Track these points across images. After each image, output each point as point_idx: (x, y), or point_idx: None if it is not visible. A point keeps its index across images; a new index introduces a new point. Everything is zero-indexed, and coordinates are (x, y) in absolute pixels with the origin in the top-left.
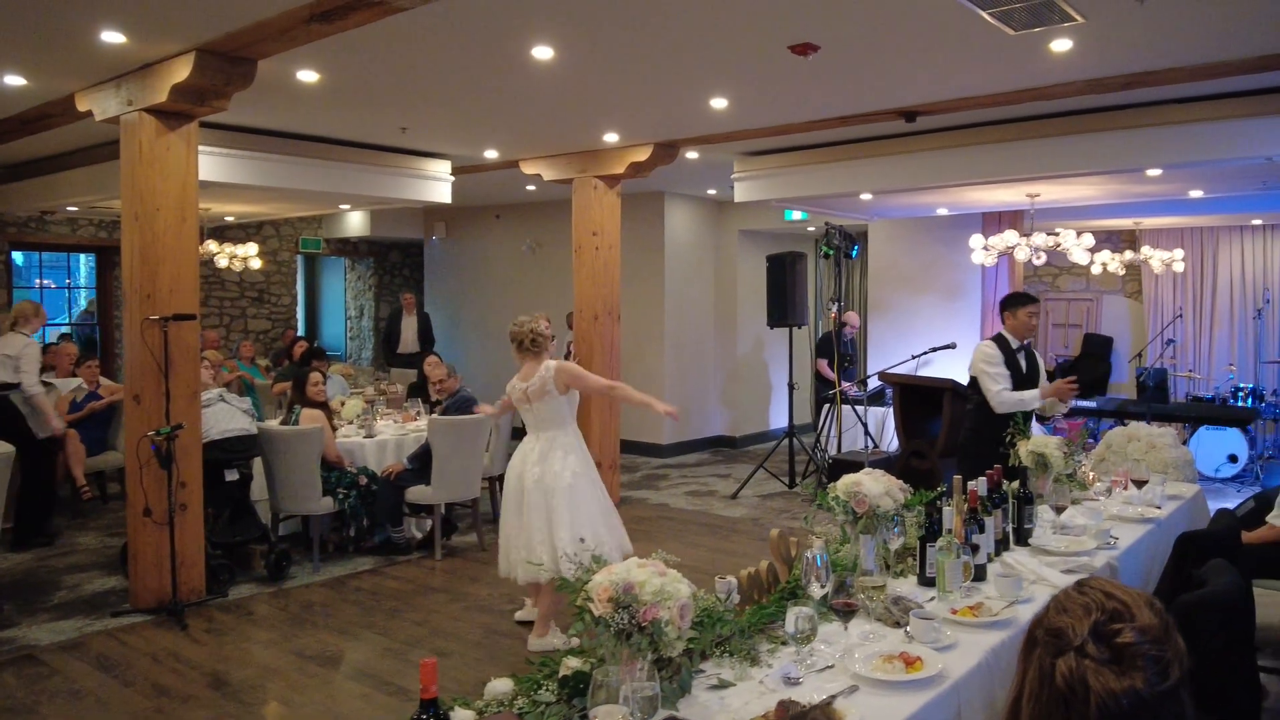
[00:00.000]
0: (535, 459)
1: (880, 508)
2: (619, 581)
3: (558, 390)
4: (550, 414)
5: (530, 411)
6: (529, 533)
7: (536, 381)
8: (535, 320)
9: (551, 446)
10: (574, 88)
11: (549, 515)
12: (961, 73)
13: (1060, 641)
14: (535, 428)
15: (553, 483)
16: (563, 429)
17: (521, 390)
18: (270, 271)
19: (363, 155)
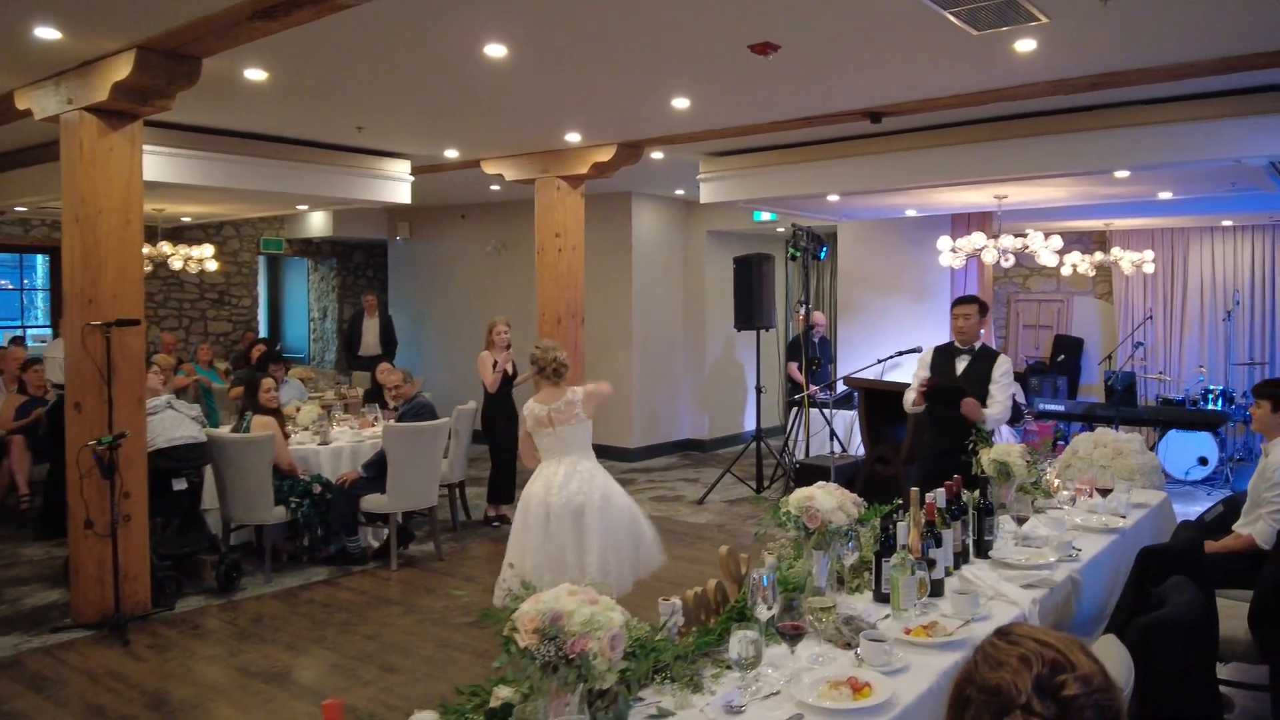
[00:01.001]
0: (561, 482)
1: (833, 523)
2: (546, 611)
3: (585, 414)
4: (576, 437)
5: (552, 435)
6: (556, 553)
7: (563, 406)
8: (560, 350)
9: (577, 468)
10: (531, 87)
11: (579, 538)
12: (926, 73)
13: (1000, 700)
14: (558, 452)
15: (584, 505)
16: (586, 453)
17: (544, 413)
18: (230, 273)
19: (319, 155)
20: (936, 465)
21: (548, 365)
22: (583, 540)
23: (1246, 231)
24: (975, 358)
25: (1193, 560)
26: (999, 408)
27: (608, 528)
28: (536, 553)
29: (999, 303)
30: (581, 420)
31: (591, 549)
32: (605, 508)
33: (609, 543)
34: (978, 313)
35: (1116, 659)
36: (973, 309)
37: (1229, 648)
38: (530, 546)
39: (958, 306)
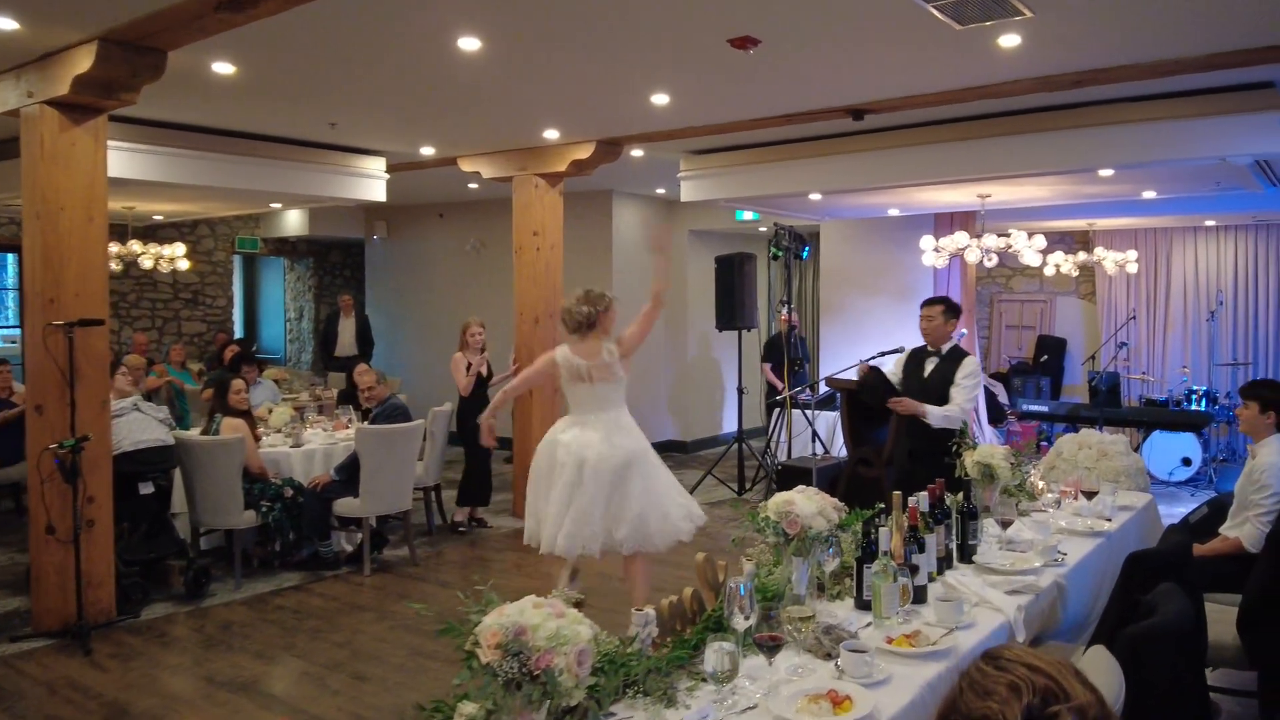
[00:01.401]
0: (598, 439)
1: (813, 529)
2: (509, 625)
3: (623, 370)
4: (612, 394)
5: (588, 391)
6: (583, 509)
7: (602, 361)
8: (585, 303)
9: (615, 426)
10: (507, 82)
11: (613, 495)
12: (909, 70)
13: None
14: (592, 408)
15: (626, 463)
16: (621, 409)
17: (584, 368)
18: (205, 272)
19: (291, 152)
20: (909, 467)
21: (570, 322)
22: (619, 499)
23: (1229, 231)
24: (943, 359)
25: (1181, 565)
26: (954, 409)
27: (650, 482)
28: (561, 505)
29: (982, 303)
30: (619, 376)
31: (631, 506)
32: (645, 462)
33: (652, 497)
34: (942, 314)
35: (1107, 671)
36: (935, 310)
37: (1216, 653)
38: (556, 496)
39: (923, 307)
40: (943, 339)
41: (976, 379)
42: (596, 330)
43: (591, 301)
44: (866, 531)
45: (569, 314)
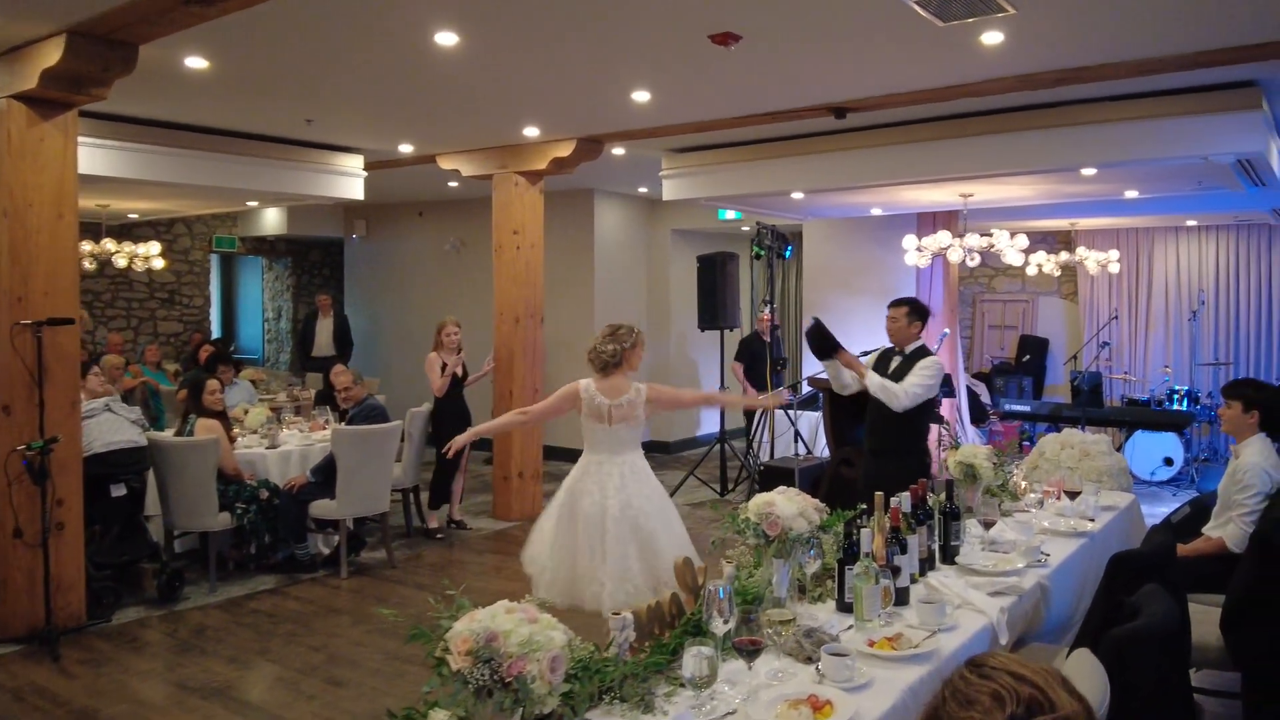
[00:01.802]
0: (618, 484)
1: (793, 530)
2: (480, 631)
3: (645, 414)
4: (631, 436)
5: (607, 432)
6: (620, 565)
7: (625, 404)
8: (611, 339)
9: (633, 471)
10: (485, 78)
11: (642, 545)
12: (891, 67)
13: None
14: (609, 449)
15: (645, 507)
16: (638, 452)
17: (606, 407)
18: (181, 271)
19: (267, 149)
20: (872, 466)
21: (597, 361)
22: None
23: (1211, 231)
24: (906, 359)
25: (1165, 566)
26: (898, 387)
27: (668, 526)
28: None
29: (964, 303)
30: (641, 420)
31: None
32: (667, 508)
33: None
34: (906, 315)
35: (1091, 675)
36: (900, 311)
37: (1200, 654)
38: (582, 547)
39: (889, 308)
40: (907, 340)
41: (932, 372)
42: (623, 367)
43: (618, 339)
44: (848, 533)
45: (595, 353)
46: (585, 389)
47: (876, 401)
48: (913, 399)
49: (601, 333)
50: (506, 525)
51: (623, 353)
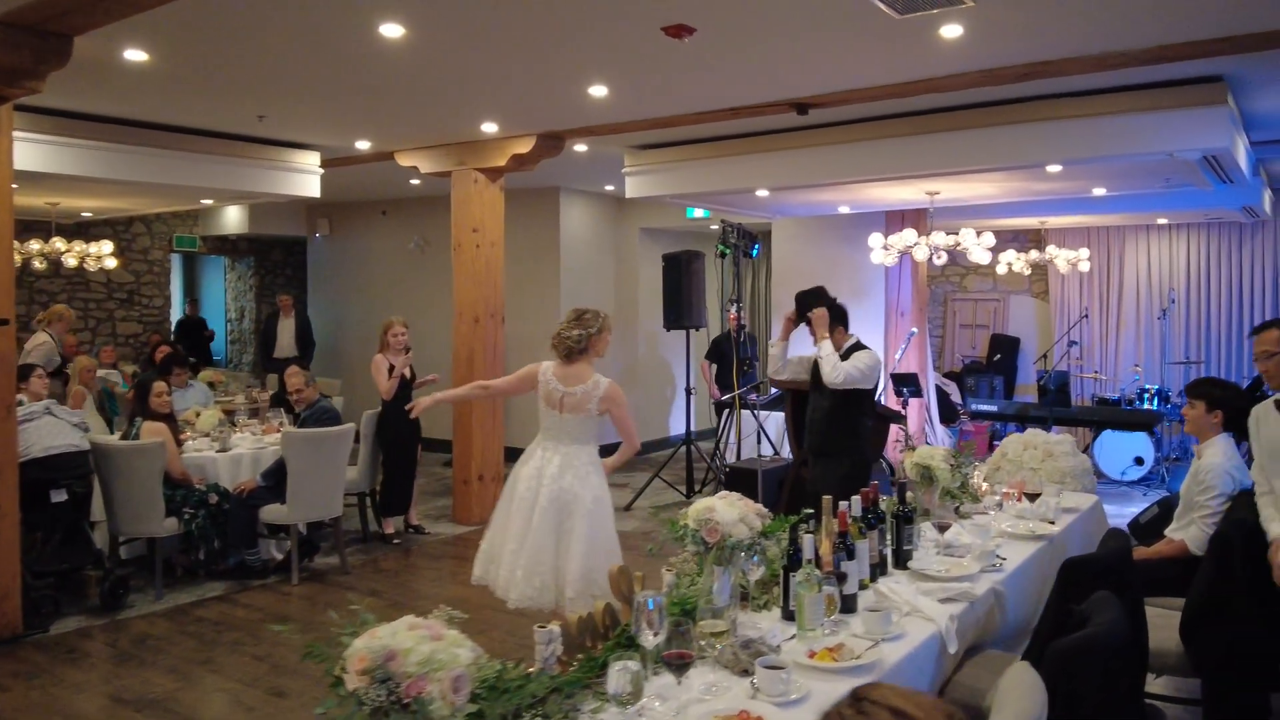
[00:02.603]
0: (554, 473)
1: (733, 537)
2: (378, 649)
3: (596, 411)
4: (581, 429)
5: (557, 419)
6: (534, 558)
7: (580, 394)
8: (579, 324)
9: (573, 462)
10: (436, 72)
11: (560, 538)
12: (851, 62)
13: None
14: (556, 438)
15: (572, 503)
16: (587, 445)
17: (559, 394)
18: (140, 271)
19: (220, 146)
20: (814, 468)
21: (561, 347)
22: (565, 543)
23: (1181, 230)
24: (842, 357)
25: (1119, 571)
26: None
27: (595, 533)
28: (516, 543)
29: (936, 302)
30: (592, 415)
31: (575, 554)
32: (596, 511)
33: (596, 548)
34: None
35: (1028, 691)
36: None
37: (1160, 660)
38: (513, 531)
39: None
40: (838, 346)
41: (867, 362)
42: (588, 354)
43: (584, 324)
44: (793, 538)
45: (560, 339)
46: (544, 371)
47: (814, 401)
48: (846, 377)
49: (567, 317)
50: (466, 529)
51: (588, 338)
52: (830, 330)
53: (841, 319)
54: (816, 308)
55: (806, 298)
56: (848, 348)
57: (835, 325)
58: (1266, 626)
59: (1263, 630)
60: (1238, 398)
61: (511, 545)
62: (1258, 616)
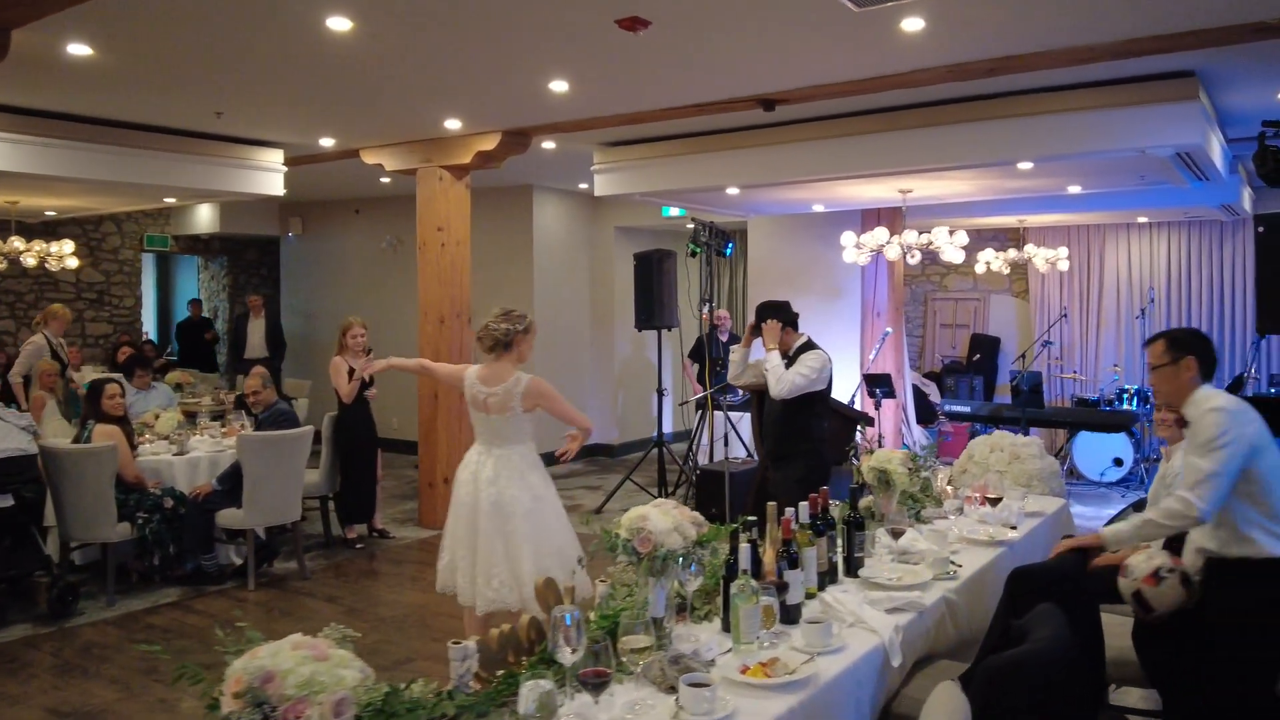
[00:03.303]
0: (489, 478)
1: (666, 546)
2: (256, 670)
3: (522, 408)
4: (509, 430)
5: (485, 422)
6: (487, 561)
7: (501, 393)
8: (506, 320)
9: (505, 464)
10: (391, 67)
11: (507, 541)
12: (814, 57)
13: None
14: (489, 441)
15: (511, 506)
16: (518, 446)
17: (482, 396)
18: (110, 271)
19: (180, 143)
20: (773, 473)
21: (487, 339)
22: (512, 545)
23: (1162, 228)
24: (792, 360)
25: (1074, 579)
26: (786, 372)
27: (540, 531)
28: (467, 551)
29: (916, 301)
30: (518, 414)
31: (525, 556)
32: (537, 509)
33: (545, 547)
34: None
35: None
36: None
37: (1119, 670)
38: (459, 537)
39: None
40: (788, 347)
41: (812, 364)
42: (512, 353)
43: (512, 320)
44: (733, 547)
45: (487, 331)
46: (468, 375)
47: (768, 405)
48: (791, 386)
49: (494, 313)
50: (432, 533)
51: (515, 334)
52: (782, 334)
53: (792, 321)
54: (769, 319)
55: (765, 309)
56: (798, 348)
57: (788, 326)
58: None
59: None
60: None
61: (463, 553)
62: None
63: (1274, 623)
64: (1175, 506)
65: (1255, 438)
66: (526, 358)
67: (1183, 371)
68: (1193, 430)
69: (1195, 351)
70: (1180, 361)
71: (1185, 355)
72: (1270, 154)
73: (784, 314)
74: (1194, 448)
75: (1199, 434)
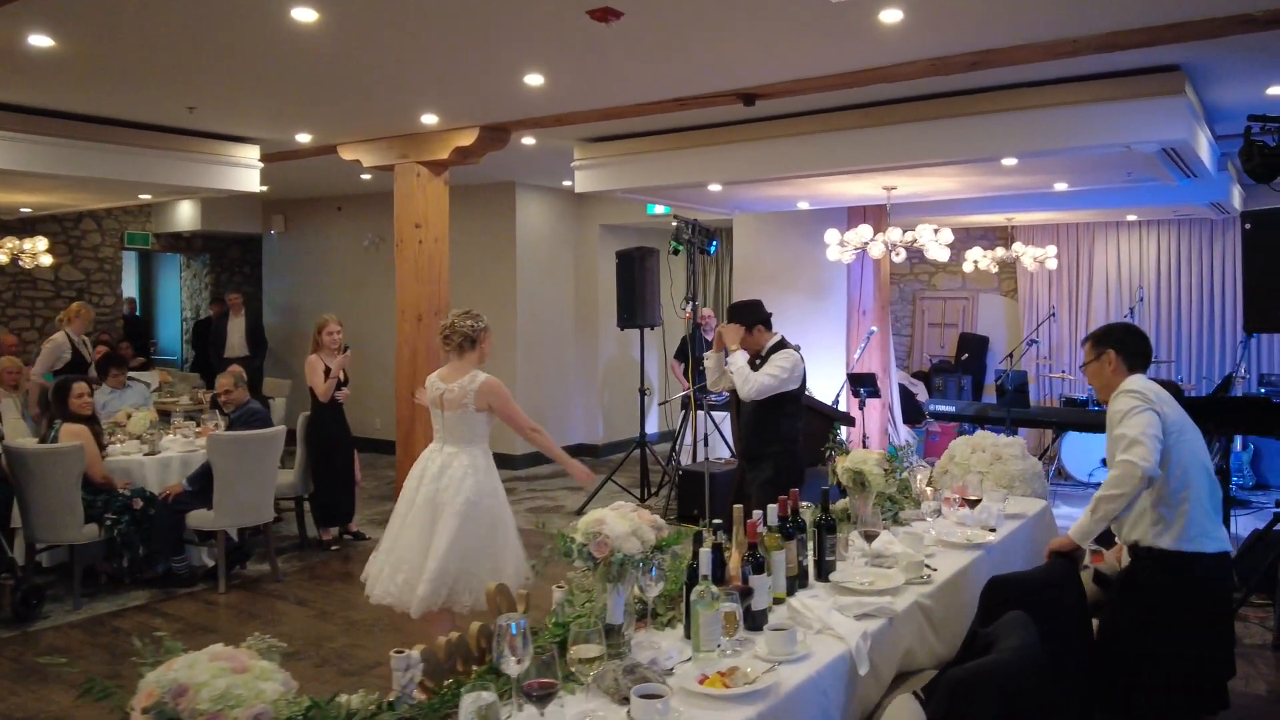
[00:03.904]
0: (434, 474)
1: (622, 551)
2: (168, 683)
3: (475, 406)
4: (462, 428)
5: (440, 418)
6: (400, 556)
7: (456, 390)
8: (468, 319)
9: (451, 464)
10: (361, 60)
11: (429, 537)
12: (793, 50)
13: None
14: (443, 438)
15: (443, 505)
16: (470, 446)
17: (439, 391)
18: (90, 269)
19: (155, 139)
20: (747, 474)
21: (454, 337)
22: (433, 545)
23: (1151, 226)
24: (763, 360)
25: (1058, 586)
26: (753, 374)
27: (464, 535)
28: (389, 540)
29: (905, 300)
30: (470, 412)
31: (433, 553)
32: (468, 513)
33: (459, 551)
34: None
35: None
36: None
37: None
38: (391, 529)
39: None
40: (758, 347)
41: (782, 364)
42: (475, 351)
43: (474, 317)
44: (696, 552)
45: (453, 329)
46: (430, 377)
47: (742, 406)
48: (759, 388)
49: (455, 313)
50: None
51: (480, 331)
52: (750, 330)
53: (763, 320)
54: (731, 322)
55: (734, 311)
56: (770, 347)
57: (756, 325)
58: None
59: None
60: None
61: (386, 543)
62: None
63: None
64: (1115, 473)
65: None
66: (488, 356)
67: (1105, 365)
68: (1109, 415)
69: (1114, 344)
70: (1103, 356)
71: (1106, 349)
72: (1256, 149)
73: (749, 314)
74: (1111, 427)
75: (1113, 415)
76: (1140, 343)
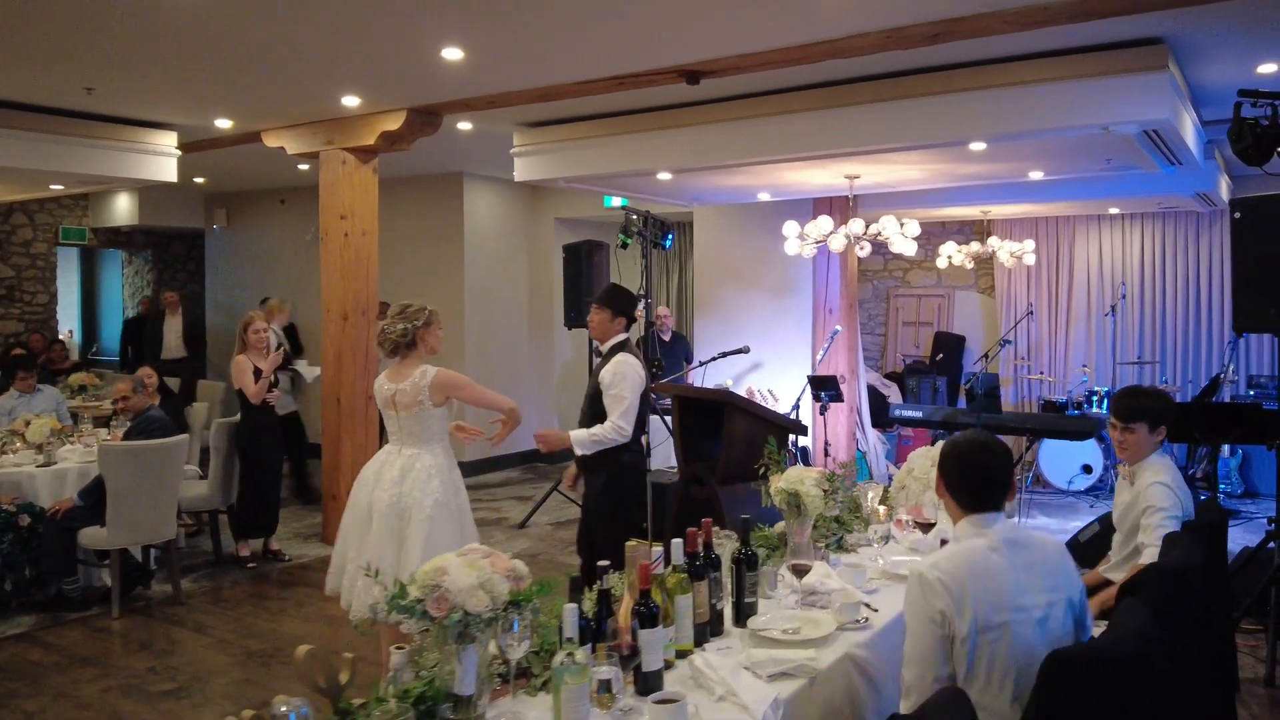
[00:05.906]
0: (393, 478)
1: (466, 607)
2: None
3: (432, 403)
4: (419, 427)
5: (394, 420)
6: (374, 562)
7: (408, 389)
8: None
9: (413, 466)
10: (260, 35)
11: (400, 546)
12: (735, 21)
13: None
14: (400, 440)
15: (411, 509)
16: (430, 445)
17: (390, 393)
18: (22, 266)
19: (57, 124)
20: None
21: (387, 344)
22: (403, 552)
23: (1135, 220)
24: (604, 359)
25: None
26: (599, 429)
27: (432, 542)
28: (356, 551)
29: (878, 298)
30: (427, 409)
31: (410, 564)
32: (437, 516)
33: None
34: (609, 317)
35: None
36: (600, 314)
37: None
38: (351, 538)
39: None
40: (605, 337)
41: (624, 386)
42: (418, 350)
43: (409, 317)
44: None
45: (384, 335)
46: (377, 380)
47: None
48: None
49: (390, 312)
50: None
51: (415, 332)
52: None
53: (629, 317)
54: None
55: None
56: (611, 345)
57: (620, 317)
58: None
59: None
60: (1172, 405)
61: (353, 554)
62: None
63: None
64: None
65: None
66: (439, 348)
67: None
68: None
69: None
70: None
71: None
72: (1248, 127)
73: (625, 304)
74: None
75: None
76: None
